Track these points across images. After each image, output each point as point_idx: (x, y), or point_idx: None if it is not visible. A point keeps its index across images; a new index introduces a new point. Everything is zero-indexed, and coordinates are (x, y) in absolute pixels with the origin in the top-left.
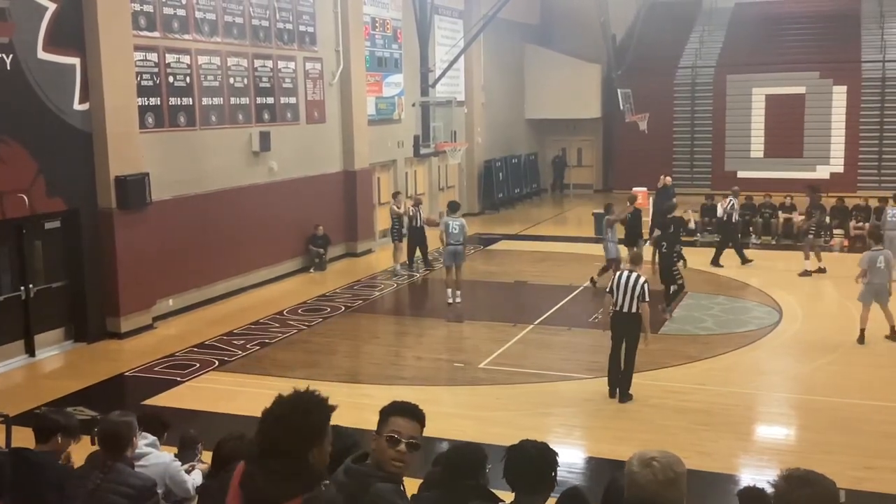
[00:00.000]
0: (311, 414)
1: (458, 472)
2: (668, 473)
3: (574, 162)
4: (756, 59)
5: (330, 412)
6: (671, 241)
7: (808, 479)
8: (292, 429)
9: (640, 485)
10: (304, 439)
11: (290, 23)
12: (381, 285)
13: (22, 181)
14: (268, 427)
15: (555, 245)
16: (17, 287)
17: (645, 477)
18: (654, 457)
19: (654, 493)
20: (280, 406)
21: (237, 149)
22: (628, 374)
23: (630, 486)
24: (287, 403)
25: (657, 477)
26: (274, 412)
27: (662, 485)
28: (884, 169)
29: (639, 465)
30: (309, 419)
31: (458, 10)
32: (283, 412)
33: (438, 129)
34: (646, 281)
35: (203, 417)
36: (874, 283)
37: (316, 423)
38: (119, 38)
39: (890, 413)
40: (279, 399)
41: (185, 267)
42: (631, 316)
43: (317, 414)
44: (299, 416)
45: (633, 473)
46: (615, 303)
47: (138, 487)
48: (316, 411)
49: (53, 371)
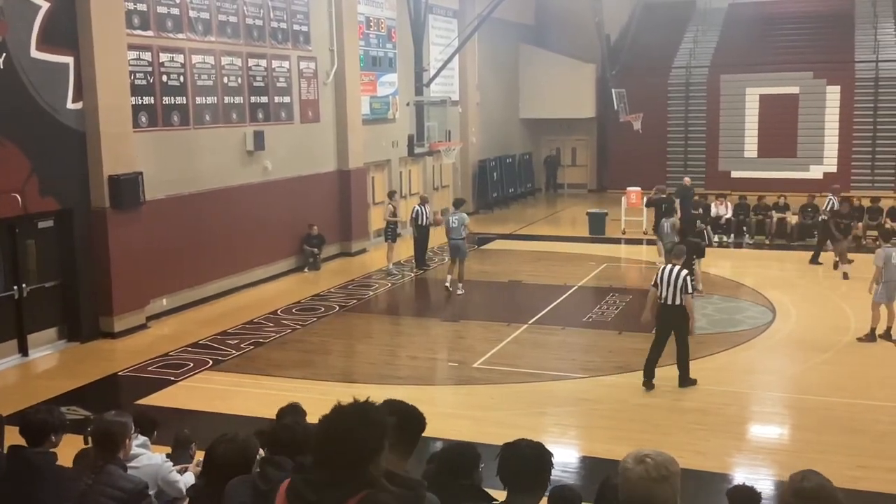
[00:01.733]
0: (371, 428)
1: (451, 472)
2: (661, 471)
3: (568, 162)
4: (750, 59)
5: (389, 425)
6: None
7: (819, 494)
8: (350, 444)
9: (632, 481)
10: (362, 457)
11: (285, 22)
12: (376, 285)
13: (15, 180)
14: (324, 440)
15: (549, 245)
16: (10, 286)
17: (637, 473)
18: (647, 454)
19: (645, 489)
20: (340, 418)
21: (231, 148)
22: (684, 361)
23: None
24: (348, 415)
25: (649, 474)
26: (334, 425)
27: (654, 482)
28: (877, 169)
29: (632, 461)
30: (369, 434)
31: (452, 10)
32: (343, 425)
33: (433, 129)
34: (687, 274)
35: (197, 417)
36: (893, 280)
37: (375, 439)
38: (113, 37)
39: (884, 412)
40: (339, 410)
41: (179, 266)
42: (676, 308)
43: (377, 429)
44: (361, 430)
45: (626, 470)
46: (660, 296)
47: (129, 490)
48: (376, 426)
49: (47, 371)
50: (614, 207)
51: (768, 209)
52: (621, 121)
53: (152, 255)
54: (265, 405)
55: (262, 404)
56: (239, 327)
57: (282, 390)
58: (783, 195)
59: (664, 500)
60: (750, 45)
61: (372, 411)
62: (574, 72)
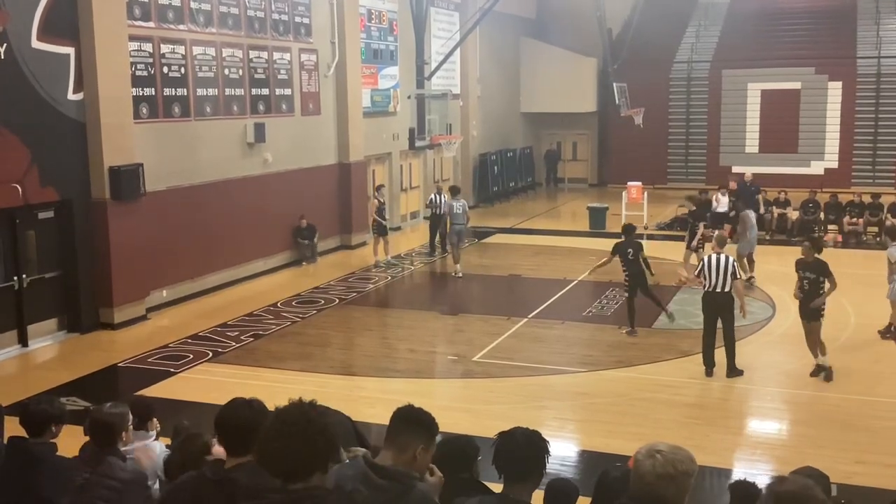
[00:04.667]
0: (316, 443)
1: (450, 465)
2: (668, 468)
3: (569, 156)
4: (752, 54)
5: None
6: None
7: (799, 496)
8: (296, 452)
9: (640, 474)
10: (310, 464)
11: (286, 14)
12: (376, 278)
13: (15, 171)
14: (269, 448)
15: (549, 239)
16: (10, 277)
17: (645, 467)
18: (660, 449)
19: (649, 484)
20: (283, 425)
21: (232, 140)
22: (731, 350)
23: (633, 473)
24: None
25: (656, 469)
26: (278, 430)
27: (660, 478)
28: (878, 165)
29: (645, 454)
30: (317, 442)
31: (454, 3)
32: (285, 432)
33: (434, 122)
34: (734, 260)
35: (196, 408)
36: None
37: (324, 450)
38: (114, 28)
39: (881, 408)
40: (281, 415)
41: (179, 258)
42: (725, 295)
43: (323, 440)
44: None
45: (638, 462)
46: (708, 285)
47: (127, 481)
48: (323, 434)
49: (46, 361)
50: (615, 202)
51: (769, 204)
52: (622, 115)
53: (152, 246)
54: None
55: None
56: (239, 319)
57: (281, 382)
58: (784, 191)
59: (668, 497)
60: (752, 40)
61: (314, 421)
62: (575, 66)
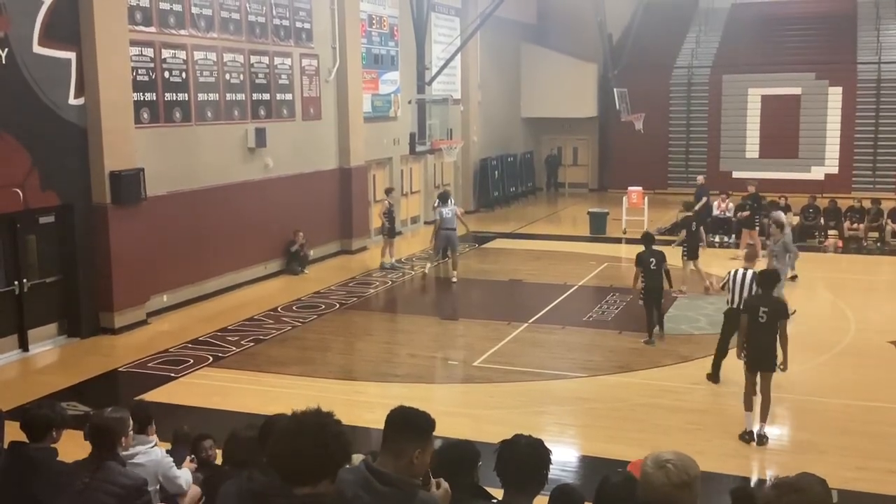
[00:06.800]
0: (328, 446)
1: (450, 470)
2: (683, 476)
3: (570, 161)
4: (752, 59)
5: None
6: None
7: (797, 485)
8: (307, 453)
9: (654, 486)
10: (319, 468)
11: (287, 19)
12: (376, 282)
13: (16, 175)
14: (280, 447)
15: (550, 244)
16: (10, 282)
17: (659, 479)
18: (668, 459)
19: (666, 495)
20: (298, 425)
21: (232, 145)
22: (720, 358)
23: (643, 487)
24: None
25: (671, 479)
26: (291, 429)
27: (676, 487)
28: (878, 170)
29: (653, 466)
30: (329, 446)
31: (455, 8)
32: (299, 431)
33: (434, 127)
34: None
35: (197, 413)
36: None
37: (336, 455)
38: (115, 33)
39: (882, 413)
40: (297, 416)
41: (180, 263)
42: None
43: (335, 445)
44: (318, 440)
45: (646, 475)
46: (730, 300)
47: (127, 487)
48: (337, 439)
49: (47, 366)
50: (615, 207)
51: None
52: (623, 120)
53: (153, 251)
54: (265, 402)
55: (261, 401)
56: (239, 324)
57: (281, 387)
58: (784, 196)
59: (685, 503)
60: (752, 45)
61: (324, 431)
62: (576, 71)
